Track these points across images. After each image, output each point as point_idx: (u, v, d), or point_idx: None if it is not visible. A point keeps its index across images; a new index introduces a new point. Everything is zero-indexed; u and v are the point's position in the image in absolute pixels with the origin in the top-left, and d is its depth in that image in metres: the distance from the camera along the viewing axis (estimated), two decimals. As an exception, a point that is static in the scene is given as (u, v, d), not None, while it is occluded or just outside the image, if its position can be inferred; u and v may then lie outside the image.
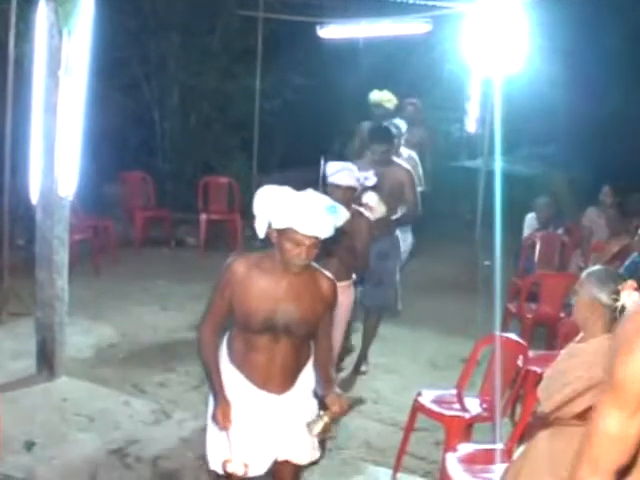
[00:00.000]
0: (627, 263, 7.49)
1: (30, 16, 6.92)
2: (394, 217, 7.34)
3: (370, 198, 6.71)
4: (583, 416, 3.75)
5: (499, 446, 4.71)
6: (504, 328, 7.53)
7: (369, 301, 7.39)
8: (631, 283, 3.73)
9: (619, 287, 3.71)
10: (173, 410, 6.23)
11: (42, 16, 6.25)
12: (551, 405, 3.86)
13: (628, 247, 8.00)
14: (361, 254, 6.09)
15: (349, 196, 5.96)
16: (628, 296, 3.68)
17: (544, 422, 3.92)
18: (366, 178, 6.25)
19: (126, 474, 5.29)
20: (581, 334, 3.95)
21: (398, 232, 7.67)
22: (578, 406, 3.73)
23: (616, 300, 3.70)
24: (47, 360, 6.66)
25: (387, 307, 7.56)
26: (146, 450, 5.59)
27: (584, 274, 3.95)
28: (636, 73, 13.96)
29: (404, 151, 8.74)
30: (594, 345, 3.81)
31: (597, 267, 4.07)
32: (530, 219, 9.66)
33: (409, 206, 7.43)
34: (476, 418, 5.30)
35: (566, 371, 3.87)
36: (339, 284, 4.76)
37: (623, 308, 3.68)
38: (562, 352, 4.06)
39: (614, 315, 3.73)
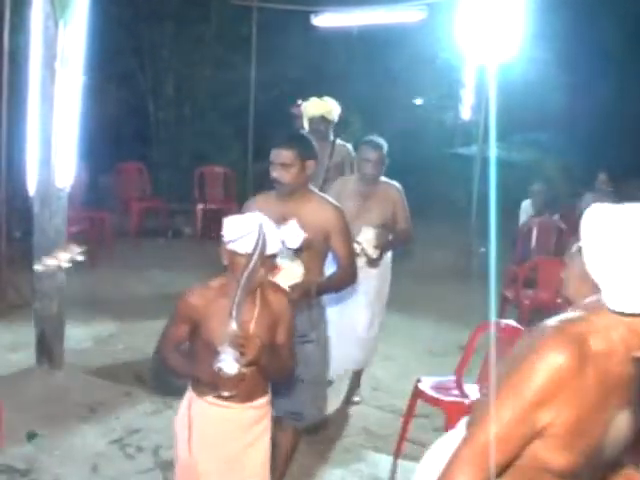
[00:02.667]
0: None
1: (24, 8, 6.91)
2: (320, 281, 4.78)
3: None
4: None
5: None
6: (501, 315, 7.57)
7: (281, 408, 4.50)
8: None
9: None
10: (173, 399, 6.23)
11: (37, 8, 6.24)
12: None
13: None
14: (287, 351, 3.82)
15: (269, 267, 3.71)
16: None
17: None
18: (297, 235, 3.95)
19: (127, 464, 5.31)
20: (569, 310, 3.99)
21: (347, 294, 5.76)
22: None
23: None
24: (46, 352, 6.66)
25: (306, 417, 4.79)
26: (147, 440, 5.61)
27: (574, 247, 3.98)
28: (630, 60, 13.99)
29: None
30: None
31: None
32: (526, 205, 9.69)
33: (342, 262, 4.85)
34: (475, 404, 5.32)
35: None
36: (253, 404, 3.73)
37: None
38: None
39: None
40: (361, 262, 5.94)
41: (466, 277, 9.72)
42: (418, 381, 5.52)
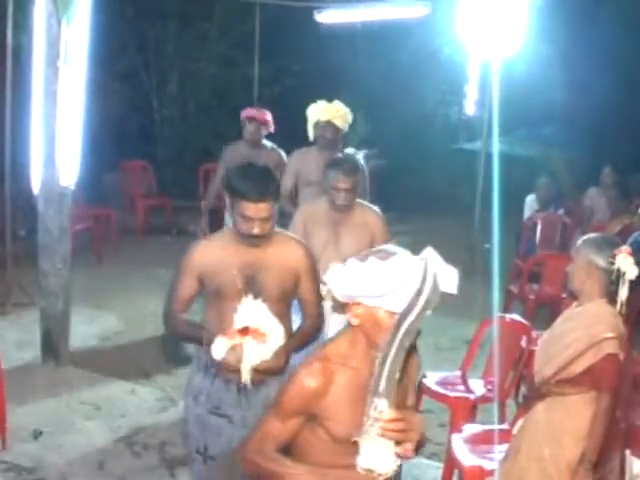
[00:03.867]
0: (630, 240, 7.52)
1: (27, 6, 6.92)
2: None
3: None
4: (579, 381, 3.81)
5: (504, 426, 4.73)
6: (506, 310, 7.56)
7: None
8: (626, 248, 3.84)
9: (615, 251, 3.80)
10: (179, 397, 6.22)
11: (40, 6, 6.25)
12: (553, 368, 3.90)
13: (629, 227, 8.03)
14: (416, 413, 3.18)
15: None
16: (624, 260, 3.78)
17: (540, 394, 3.97)
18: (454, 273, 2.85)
19: (133, 461, 5.32)
20: (574, 304, 4.02)
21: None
22: (580, 366, 3.80)
23: (612, 264, 3.79)
24: (52, 350, 6.69)
25: None
26: (153, 437, 5.63)
27: (580, 241, 4.04)
28: (634, 54, 13.95)
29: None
30: (592, 308, 3.89)
31: (593, 234, 4.16)
32: (530, 200, 9.68)
33: (310, 311, 4.00)
34: (480, 399, 5.32)
35: (565, 334, 3.93)
36: None
37: (619, 271, 3.78)
38: (558, 319, 4.13)
39: (610, 279, 3.82)
40: (327, 306, 4.16)
41: (471, 272, 9.68)
42: (423, 376, 5.52)
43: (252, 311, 3.53)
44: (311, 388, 2.70)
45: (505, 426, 4.75)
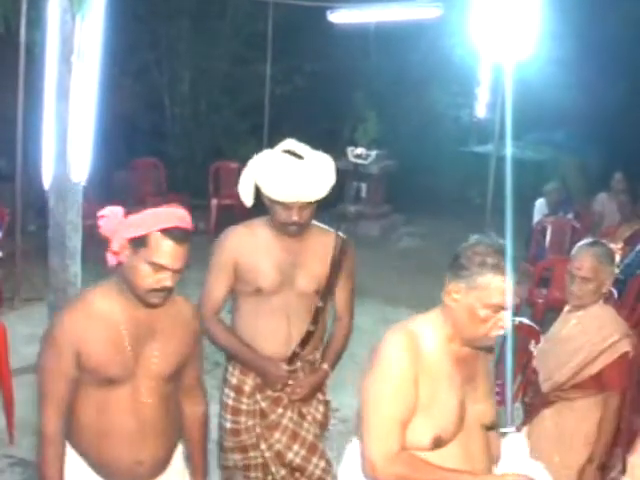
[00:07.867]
0: (638, 248, 7.51)
1: (41, 2, 6.93)
2: None
3: None
4: (587, 385, 3.82)
5: (511, 430, 4.72)
6: (515, 313, 7.54)
7: None
8: (618, 247, 3.92)
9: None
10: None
11: (54, 2, 6.26)
12: (566, 374, 3.90)
13: (639, 232, 8.02)
14: None
15: None
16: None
17: (548, 401, 3.97)
18: None
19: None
20: (566, 308, 4.07)
21: None
22: (593, 369, 3.82)
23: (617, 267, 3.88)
24: (60, 345, 6.69)
25: None
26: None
27: (575, 247, 4.09)
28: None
29: None
30: (595, 310, 3.92)
31: (588, 240, 4.21)
32: (540, 204, 9.68)
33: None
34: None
35: (574, 338, 3.94)
36: None
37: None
38: (556, 324, 4.14)
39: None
40: None
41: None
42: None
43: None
44: None
45: (512, 429, 4.73)
